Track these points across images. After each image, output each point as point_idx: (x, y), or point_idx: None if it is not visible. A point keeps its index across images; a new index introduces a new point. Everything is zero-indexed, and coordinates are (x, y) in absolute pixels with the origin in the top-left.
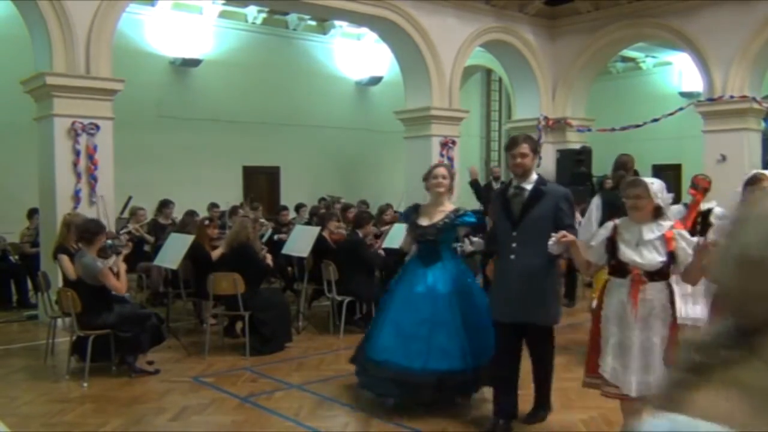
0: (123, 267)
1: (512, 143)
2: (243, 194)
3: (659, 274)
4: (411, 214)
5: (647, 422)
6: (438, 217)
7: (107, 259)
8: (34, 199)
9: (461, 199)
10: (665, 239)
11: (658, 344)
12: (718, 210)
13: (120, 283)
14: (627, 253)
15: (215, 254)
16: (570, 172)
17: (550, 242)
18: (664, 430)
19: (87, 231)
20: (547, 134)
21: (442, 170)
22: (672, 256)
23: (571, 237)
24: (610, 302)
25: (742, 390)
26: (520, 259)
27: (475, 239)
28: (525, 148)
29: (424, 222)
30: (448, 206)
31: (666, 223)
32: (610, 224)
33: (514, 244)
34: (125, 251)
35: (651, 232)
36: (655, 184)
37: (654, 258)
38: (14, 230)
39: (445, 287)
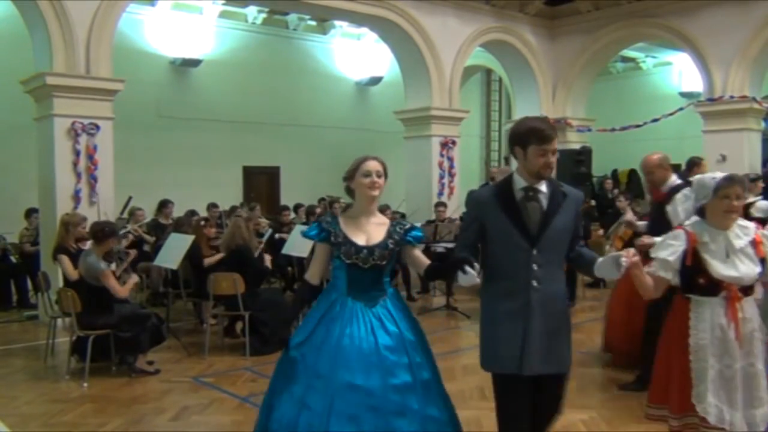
0: (133, 281)
1: (545, 136)
2: (243, 194)
3: (750, 287)
4: (333, 229)
5: None
6: (378, 232)
7: (110, 264)
8: (34, 199)
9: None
10: (755, 244)
11: (762, 370)
12: (762, 204)
13: (122, 289)
14: (719, 267)
15: (213, 260)
16: (570, 172)
17: (622, 263)
18: None
19: (101, 231)
20: None
21: (376, 165)
22: (762, 263)
23: (637, 257)
24: (703, 327)
25: None
26: (545, 286)
27: (477, 266)
28: (555, 143)
29: (359, 240)
30: (381, 216)
31: (749, 225)
32: (680, 233)
33: (535, 266)
34: (129, 259)
35: (738, 238)
36: None
37: (752, 270)
38: (14, 230)
39: (409, 331)
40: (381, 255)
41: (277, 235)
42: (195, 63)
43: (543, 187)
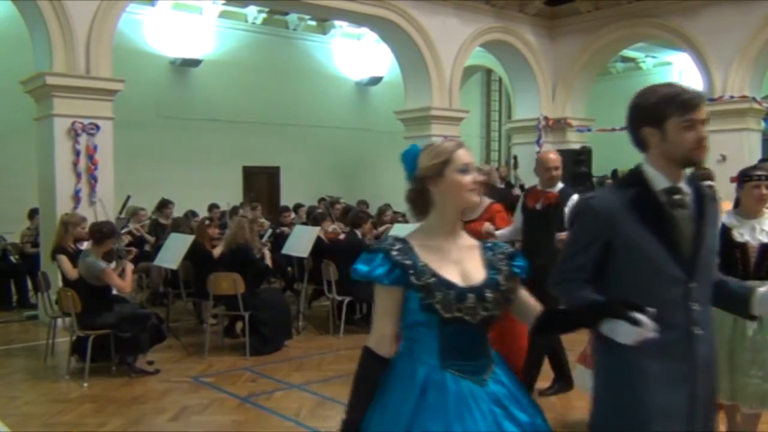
0: (130, 267)
1: (689, 102)
2: (243, 194)
3: None
4: (412, 262)
5: None
6: (474, 262)
7: (110, 263)
8: (34, 199)
9: None
10: None
11: None
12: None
13: (124, 283)
14: None
15: (217, 251)
16: (570, 172)
17: None
18: None
19: (99, 231)
20: (547, 134)
21: (470, 156)
22: None
23: None
24: None
25: None
26: (708, 333)
27: (653, 310)
28: (704, 111)
29: (455, 278)
30: (466, 235)
31: None
32: None
33: (695, 306)
34: (129, 257)
35: None
36: None
37: None
38: (15, 230)
39: (536, 414)
40: (495, 301)
41: (278, 229)
42: (195, 63)
43: (685, 187)
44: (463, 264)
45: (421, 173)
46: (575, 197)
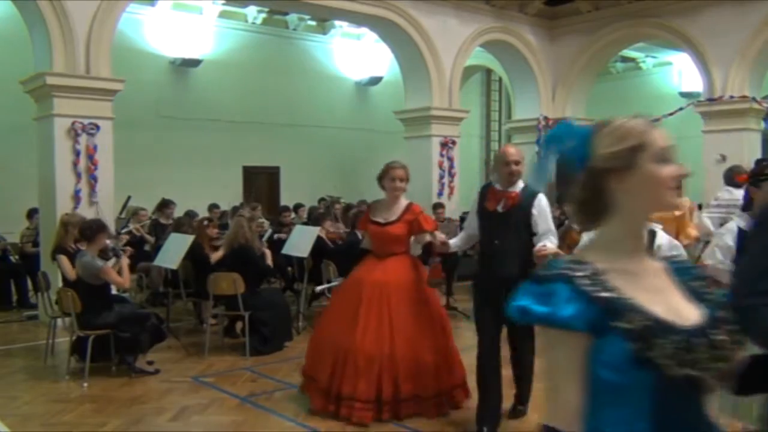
0: (125, 261)
1: None
2: (243, 194)
3: None
4: (609, 295)
5: None
6: (674, 289)
7: (107, 261)
8: (34, 199)
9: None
10: None
11: None
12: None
13: (122, 279)
14: None
15: (215, 257)
16: None
17: None
18: None
19: (88, 229)
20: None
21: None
22: None
23: None
24: None
25: None
26: None
27: None
28: None
29: (664, 314)
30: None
31: None
32: None
33: None
34: (126, 256)
35: None
36: None
37: None
38: (14, 230)
39: None
40: (729, 346)
41: (275, 236)
42: (195, 63)
43: None
44: (666, 295)
45: (601, 163)
46: (541, 197)
